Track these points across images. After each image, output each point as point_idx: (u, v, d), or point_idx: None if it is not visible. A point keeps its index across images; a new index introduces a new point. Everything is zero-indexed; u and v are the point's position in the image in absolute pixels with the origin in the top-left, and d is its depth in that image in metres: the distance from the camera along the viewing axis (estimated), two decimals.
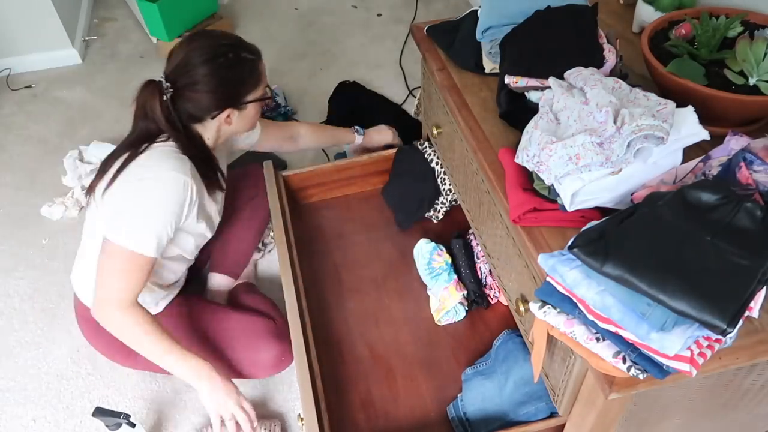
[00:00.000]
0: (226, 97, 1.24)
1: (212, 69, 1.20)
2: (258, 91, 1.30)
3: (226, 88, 1.23)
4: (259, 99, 1.31)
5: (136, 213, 1.18)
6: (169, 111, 1.22)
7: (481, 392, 1.29)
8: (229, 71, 1.22)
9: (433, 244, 1.56)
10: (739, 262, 0.72)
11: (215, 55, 1.20)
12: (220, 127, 1.30)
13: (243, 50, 1.25)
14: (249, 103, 1.29)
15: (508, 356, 1.30)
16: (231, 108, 1.26)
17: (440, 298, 1.48)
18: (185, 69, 1.20)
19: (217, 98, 1.23)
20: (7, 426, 1.46)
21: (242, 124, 1.33)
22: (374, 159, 1.79)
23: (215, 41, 1.23)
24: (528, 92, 1.15)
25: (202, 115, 1.26)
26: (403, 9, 2.91)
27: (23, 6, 2.45)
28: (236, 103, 1.26)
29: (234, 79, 1.24)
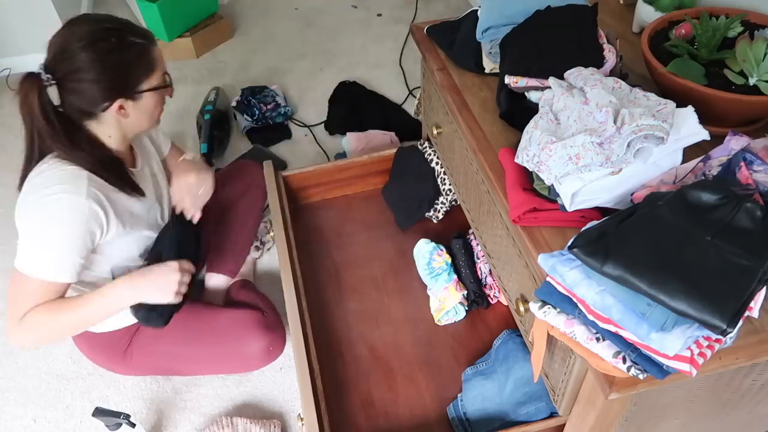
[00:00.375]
0: (114, 86, 1.11)
1: (94, 54, 1.07)
2: (152, 79, 1.16)
3: (111, 75, 1.09)
4: (156, 88, 1.17)
5: (39, 242, 1.10)
6: (47, 107, 1.10)
7: (481, 392, 1.29)
8: (114, 55, 1.08)
9: (433, 244, 1.56)
10: (739, 262, 0.72)
11: (96, 39, 1.07)
12: (119, 122, 1.17)
13: (129, 34, 1.12)
14: (143, 92, 1.15)
15: (508, 356, 1.30)
16: (122, 98, 1.12)
17: (440, 298, 1.48)
18: (64, 56, 1.07)
19: (104, 87, 1.09)
20: (7, 426, 1.46)
21: (142, 117, 1.19)
22: (374, 159, 1.79)
23: (96, 25, 1.10)
24: (528, 92, 1.15)
25: (91, 108, 1.12)
26: (403, 9, 2.91)
27: (23, 6, 2.45)
28: (127, 92, 1.13)
29: (120, 65, 1.10)
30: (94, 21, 1.11)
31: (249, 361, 1.43)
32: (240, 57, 2.67)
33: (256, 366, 1.46)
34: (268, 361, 1.45)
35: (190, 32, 2.63)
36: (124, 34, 1.12)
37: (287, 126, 2.25)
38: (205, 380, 1.51)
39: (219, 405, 1.47)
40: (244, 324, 1.41)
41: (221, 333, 1.41)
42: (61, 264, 1.11)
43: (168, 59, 2.63)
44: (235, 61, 2.64)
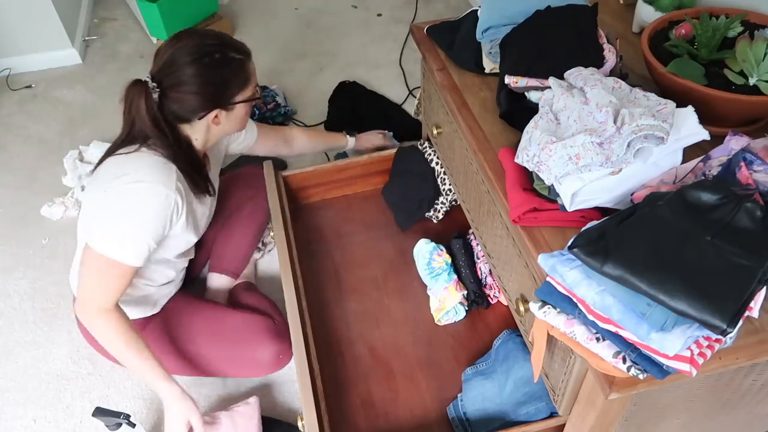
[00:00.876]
0: (213, 98, 1.21)
1: (198, 69, 1.17)
2: (246, 91, 1.26)
3: (212, 89, 1.20)
4: (248, 99, 1.27)
5: (119, 222, 1.16)
6: (154, 112, 1.18)
7: (481, 392, 1.30)
8: (216, 71, 1.19)
9: (433, 244, 1.56)
10: (739, 262, 0.72)
11: (201, 54, 1.17)
12: (209, 128, 1.27)
13: (230, 49, 1.21)
14: (237, 103, 1.25)
15: (508, 356, 1.30)
16: (218, 108, 1.23)
17: (440, 298, 1.48)
18: (171, 69, 1.17)
19: (204, 99, 1.20)
20: (7, 426, 1.46)
21: (231, 124, 1.30)
22: (374, 159, 1.79)
23: (201, 40, 1.19)
24: (528, 92, 1.15)
25: (189, 116, 1.22)
26: (403, 9, 2.91)
27: (23, 6, 2.45)
28: (223, 104, 1.23)
29: (220, 80, 1.20)
30: (200, 36, 1.20)
31: (258, 367, 1.43)
32: None
33: (264, 372, 1.45)
34: (277, 369, 1.45)
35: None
36: (226, 50, 1.20)
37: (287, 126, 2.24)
38: (205, 380, 1.51)
39: (219, 405, 1.47)
40: (255, 330, 1.41)
41: (232, 337, 1.40)
42: (140, 249, 1.18)
43: None
44: None
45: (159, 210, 1.17)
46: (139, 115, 1.18)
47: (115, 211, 1.17)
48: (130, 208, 1.16)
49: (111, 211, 1.17)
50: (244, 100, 1.26)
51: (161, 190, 1.17)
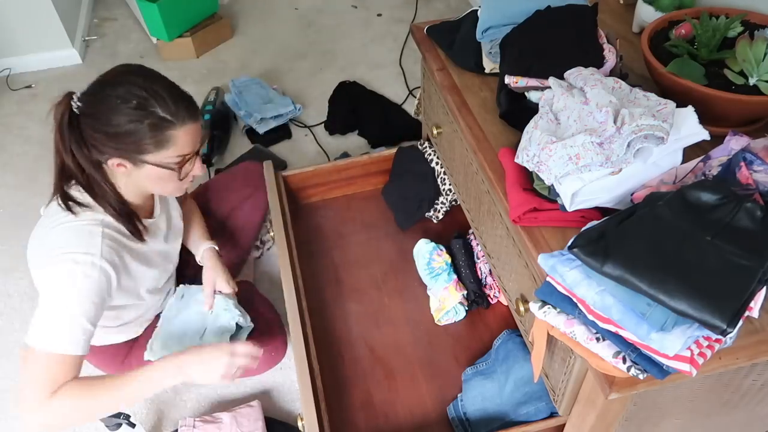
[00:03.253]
0: (116, 146, 1.06)
1: (112, 110, 1.04)
2: (162, 155, 1.08)
3: (115, 135, 1.05)
4: (162, 165, 1.09)
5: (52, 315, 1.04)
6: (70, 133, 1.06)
7: (481, 392, 1.30)
8: (126, 120, 1.04)
9: (432, 244, 1.56)
10: (739, 262, 0.72)
11: (123, 97, 1.03)
12: (125, 177, 1.13)
13: (159, 105, 1.05)
14: (147, 163, 1.08)
15: (508, 356, 1.30)
16: (121, 159, 1.08)
17: (440, 298, 1.48)
18: (94, 96, 1.06)
19: (107, 141, 1.06)
20: (7, 426, 1.46)
21: (149, 183, 1.13)
22: (374, 159, 1.79)
23: (132, 85, 1.05)
24: (528, 92, 1.15)
25: (96, 156, 1.09)
26: (403, 9, 2.91)
27: (23, 6, 2.45)
28: (129, 157, 1.08)
29: (127, 131, 1.04)
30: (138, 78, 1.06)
31: None
32: (240, 57, 2.67)
33: (258, 371, 1.45)
34: (270, 366, 1.44)
35: (190, 32, 2.63)
36: (153, 105, 1.05)
37: (287, 126, 2.25)
38: None
39: (219, 405, 1.47)
40: None
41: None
42: (75, 336, 1.04)
43: (168, 59, 2.65)
44: (235, 61, 2.64)
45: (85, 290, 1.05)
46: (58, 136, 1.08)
47: (43, 301, 1.05)
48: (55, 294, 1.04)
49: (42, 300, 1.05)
50: (154, 163, 1.08)
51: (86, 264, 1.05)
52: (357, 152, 2.10)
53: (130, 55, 2.72)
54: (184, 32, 2.63)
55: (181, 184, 1.16)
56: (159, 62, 2.65)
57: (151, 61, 2.66)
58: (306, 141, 2.21)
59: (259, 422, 1.37)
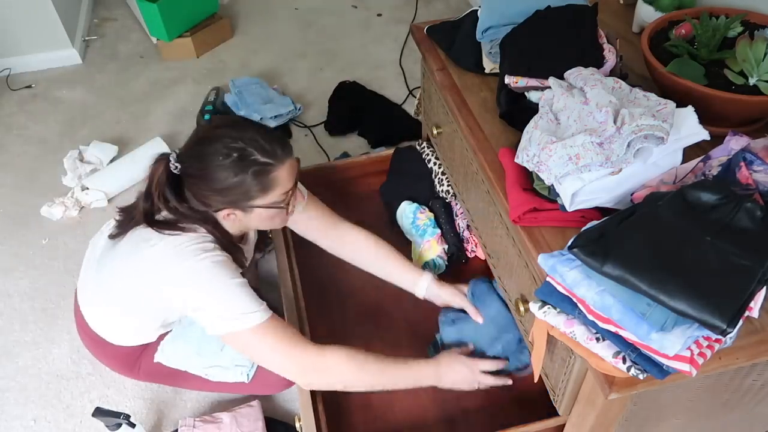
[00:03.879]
0: (225, 199, 1.11)
1: (212, 168, 1.08)
2: (269, 197, 1.12)
3: (223, 190, 1.10)
4: (270, 206, 1.14)
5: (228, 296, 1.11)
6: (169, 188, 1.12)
7: (458, 330, 1.37)
8: (229, 174, 1.08)
9: (415, 205, 1.64)
10: (739, 262, 0.72)
11: (222, 153, 1.07)
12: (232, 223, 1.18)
13: (257, 152, 1.08)
14: (256, 207, 1.13)
15: (478, 301, 1.37)
16: (231, 209, 1.13)
17: (421, 250, 1.56)
18: (192, 158, 1.11)
19: (215, 196, 1.11)
20: (7, 426, 1.46)
21: (256, 223, 1.19)
22: (374, 159, 1.79)
23: (226, 138, 1.08)
24: (528, 92, 1.15)
25: (203, 208, 1.15)
26: (403, 9, 2.91)
27: (23, 6, 2.45)
28: (237, 207, 1.13)
29: (234, 183, 1.08)
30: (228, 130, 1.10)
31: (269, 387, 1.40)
32: (240, 57, 2.67)
33: (275, 391, 1.43)
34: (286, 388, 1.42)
35: (190, 32, 2.63)
36: (249, 153, 1.08)
37: (287, 126, 2.25)
38: None
39: (219, 405, 1.47)
40: None
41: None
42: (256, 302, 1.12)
43: (168, 59, 2.65)
44: (235, 61, 2.64)
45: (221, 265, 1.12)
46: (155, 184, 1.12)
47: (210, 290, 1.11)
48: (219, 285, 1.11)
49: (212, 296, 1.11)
50: (264, 206, 1.13)
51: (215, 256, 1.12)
52: (357, 152, 2.10)
53: (130, 55, 2.72)
54: (184, 32, 2.63)
55: (287, 216, 1.21)
56: (159, 62, 2.66)
57: (151, 61, 2.66)
58: (306, 141, 2.21)
59: (259, 422, 1.37)
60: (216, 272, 1.11)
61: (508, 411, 1.32)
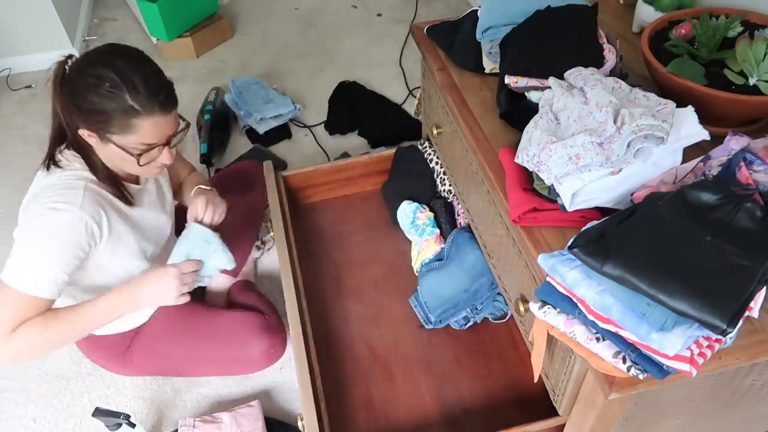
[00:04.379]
0: (86, 119, 1.10)
1: (86, 86, 1.07)
2: (127, 139, 1.10)
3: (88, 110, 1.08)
4: (125, 149, 1.12)
5: (27, 255, 1.09)
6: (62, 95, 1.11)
7: (436, 283, 1.47)
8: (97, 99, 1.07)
9: (415, 204, 1.65)
10: (739, 262, 0.72)
11: (99, 77, 1.06)
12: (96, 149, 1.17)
13: (128, 94, 1.07)
14: (111, 142, 1.11)
15: (458, 250, 1.47)
16: (89, 131, 1.11)
17: (419, 248, 1.57)
18: (78, 72, 1.09)
19: (79, 114, 1.10)
20: (7, 426, 1.46)
21: (114, 160, 1.17)
22: (374, 159, 1.79)
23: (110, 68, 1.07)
24: (528, 92, 1.15)
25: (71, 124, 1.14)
26: (403, 9, 2.91)
27: (23, 6, 2.45)
28: (97, 132, 1.11)
29: (99, 110, 1.07)
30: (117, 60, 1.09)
31: (250, 364, 1.44)
32: (240, 57, 2.67)
33: (257, 368, 1.46)
34: (269, 363, 1.45)
35: (190, 32, 2.63)
36: (122, 90, 1.07)
37: (287, 126, 2.25)
38: (205, 380, 1.51)
39: (219, 405, 1.47)
40: (245, 326, 1.41)
41: (222, 335, 1.41)
42: (44, 280, 1.09)
43: (168, 59, 2.65)
44: (235, 61, 2.64)
45: (62, 236, 1.10)
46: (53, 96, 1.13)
47: (21, 242, 1.11)
48: (33, 237, 1.10)
49: (19, 243, 1.11)
50: (119, 145, 1.11)
51: (65, 213, 1.10)
52: (357, 152, 2.10)
53: None
54: (184, 32, 2.63)
55: (145, 169, 1.17)
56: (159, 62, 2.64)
57: None
58: (306, 141, 2.21)
59: (259, 422, 1.37)
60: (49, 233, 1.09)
61: (508, 411, 1.32)
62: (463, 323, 1.45)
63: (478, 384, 1.37)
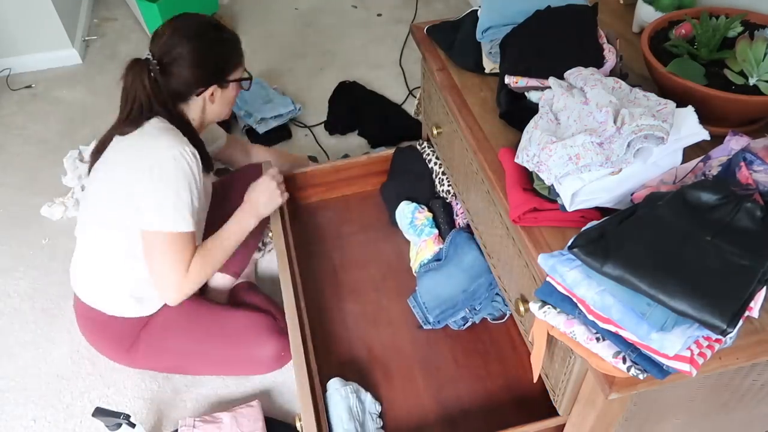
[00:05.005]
0: (211, 73, 1.29)
1: (197, 45, 1.25)
2: (239, 71, 1.36)
3: (211, 63, 1.28)
4: (241, 79, 1.37)
5: (163, 197, 1.22)
6: (158, 87, 1.25)
7: (434, 283, 1.47)
8: (214, 47, 1.28)
9: (414, 204, 1.65)
10: (739, 262, 0.72)
11: (199, 32, 1.26)
12: (205, 108, 1.34)
13: (224, 31, 1.31)
14: (231, 81, 1.34)
15: (456, 250, 1.48)
16: (215, 85, 1.31)
17: (417, 249, 1.57)
18: (170, 46, 1.25)
19: (202, 73, 1.27)
20: (7, 426, 1.46)
21: (223, 105, 1.37)
22: (373, 159, 1.79)
23: (199, 19, 1.29)
24: (528, 92, 1.15)
25: (187, 92, 1.30)
26: (403, 9, 2.91)
27: (23, 6, 2.45)
28: (220, 80, 1.31)
29: (218, 55, 1.29)
30: (195, 17, 1.30)
31: (259, 365, 1.44)
32: None
33: (266, 370, 1.46)
34: (279, 366, 1.46)
35: None
36: (220, 31, 1.30)
37: (287, 126, 2.25)
38: (205, 380, 1.51)
39: (219, 405, 1.47)
40: (258, 328, 1.41)
41: (233, 335, 1.41)
42: (188, 216, 1.25)
43: None
44: None
45: (187, 168, 1.23)
46: (139, 93, 1.25)
47: (155, 188, 1.22)
48: (166, 179, 1.22)
49: (151, 191, 1.22)
50: (237, 79, 1.35)
51: (182, 149, 1.22)
52: (357, 152, 2.10)
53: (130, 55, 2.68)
54: None
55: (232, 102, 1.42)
56: None
57: None
58: (306, 141, 2.21)
59: (259, 422, 1.37)
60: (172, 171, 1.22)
61: (507, 411, 1.32)
62: (462, 324, 1.45)
63: (476, 384, 1.37)
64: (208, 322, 1.42)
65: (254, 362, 1.43)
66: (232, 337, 1.40)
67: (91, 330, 1.41)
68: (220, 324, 1.42)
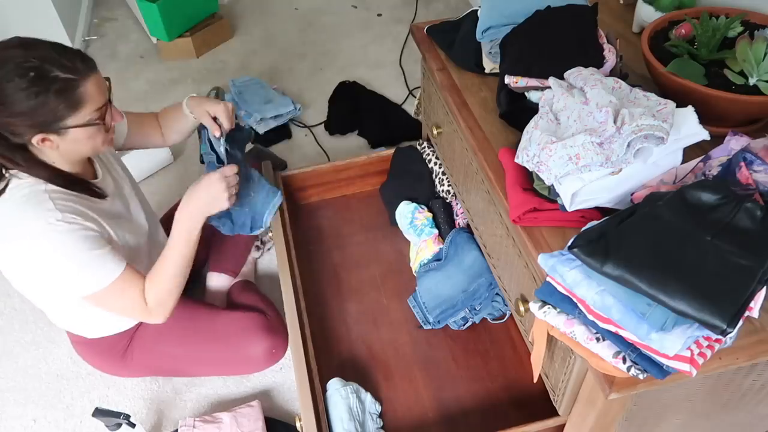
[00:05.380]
0: (33, 122, 1.02)
1: (12, 90, 0.99)
2: (80, 116, 1.05)
3: (27, 112, 1.00)
4: (85, 124, 1.06)
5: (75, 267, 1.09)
6: None
7: (434, 283, 1.47)
8: (29, 95, 0.99)
9: (414, 204, 1.65)
10: (739, 262, 0.72)
11: (19, 73, 0.99)
12: (53, 151, 1.09)
13: (55, 67, 1.00)
14: (70, 128, 1.05)
15: (456, 250, 1.48)
16: (43, 133, 1.04)
17: (417, 249, 1.57)
18: None
19: (22, 122, 1.01)
20: (7, 426, 1.46)
21: (78, 147, 1.10)
22: (373, 159, 1.79)
23: (21, 57, 0.99)
24: (528, 92, 1.15)
25: (17, 140, 1.05)
26: (403, 9, 2.91)
27: (23, 6, 2.45)
28: (49, 128, 1.04)
29: (35, 106, 1.00)
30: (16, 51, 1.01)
31: (251, 364, 1.44)
32: (240, 57, 2.67)
33: (258, 368, 1.46)
34: (271, 363, 1.45)
35: (190, 32, 2.63)
36: (47, 69, 1.00)
37: (287, 126, 2.25)
38: (205, 380, 1.51)
39: (219, 405, 1.47)
40: (247, 326, 1.41)
41: (223, 335, 1.41)
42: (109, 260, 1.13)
43: (168, 59, 2.65)
44: (235, 61, 2.64)
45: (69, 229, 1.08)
46: None
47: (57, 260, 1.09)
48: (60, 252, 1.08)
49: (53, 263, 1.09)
50: (79, 125, 1.05)
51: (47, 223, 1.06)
52: (357, 152, 2.10)
53: (130, 55, 2.72)
54: (184, 32, 2.63)
55: (108, 135, 1.13)
56: (159, 62, 2.65)
57: (151, 61, 2.66)
58: (306, 141, 2.21)
59: (259, 422, 1.37)
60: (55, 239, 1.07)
61: (507, 411, 1.32)
62: (462, 323, 1.45)
63: (476, 384, 1.37)
64: (197, 325, 1.42)
65: (245, 361, 1.43)
66: (221, 337, 1.41)
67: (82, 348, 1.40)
68: (208, 326, 1.42)
